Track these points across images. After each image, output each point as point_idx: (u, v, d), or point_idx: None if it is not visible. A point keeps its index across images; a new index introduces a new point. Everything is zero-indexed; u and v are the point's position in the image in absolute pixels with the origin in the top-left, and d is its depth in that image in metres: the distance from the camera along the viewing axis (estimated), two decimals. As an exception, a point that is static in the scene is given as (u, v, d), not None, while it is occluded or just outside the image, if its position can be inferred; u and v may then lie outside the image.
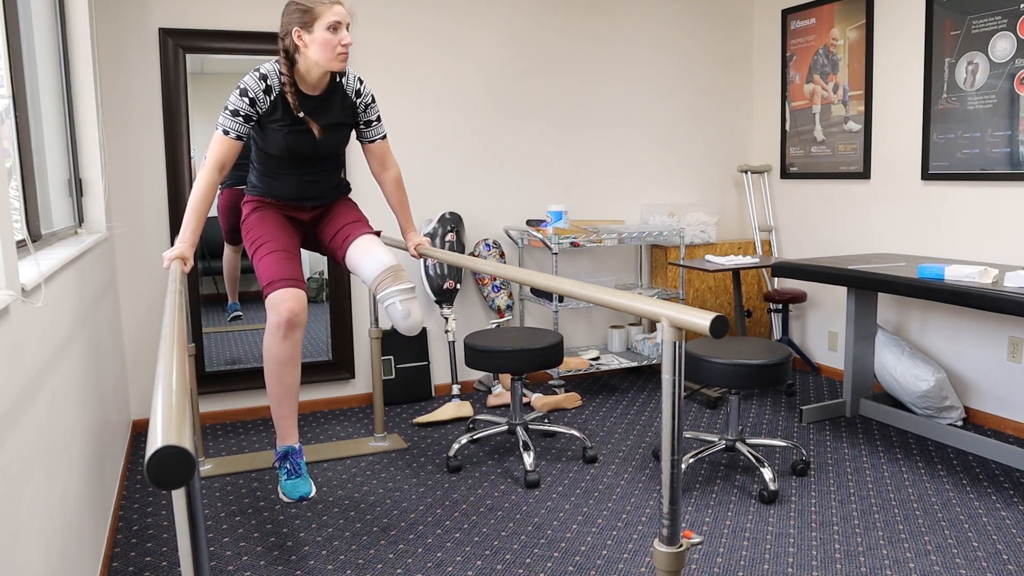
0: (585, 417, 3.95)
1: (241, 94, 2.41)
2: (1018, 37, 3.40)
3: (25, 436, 1.57)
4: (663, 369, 1.45)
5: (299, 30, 2.37)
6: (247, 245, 2.60)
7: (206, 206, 2.38)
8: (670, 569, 1.49)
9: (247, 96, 2.41)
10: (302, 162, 2.59)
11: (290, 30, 2.39)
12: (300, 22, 2.36)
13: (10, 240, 1.55)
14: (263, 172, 2.60)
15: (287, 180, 2.60)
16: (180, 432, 0.81)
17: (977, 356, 3.73)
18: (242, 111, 2.41)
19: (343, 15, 2.39)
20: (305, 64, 2.43)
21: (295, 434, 2.58)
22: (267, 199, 2.64)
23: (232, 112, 2.42)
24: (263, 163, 2.59)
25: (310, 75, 2.45)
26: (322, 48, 2.37)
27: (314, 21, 2.35)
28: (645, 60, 4.66)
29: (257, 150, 2.59)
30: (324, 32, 2.36)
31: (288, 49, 2.42)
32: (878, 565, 2.44)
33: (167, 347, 1.16)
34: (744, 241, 4.83)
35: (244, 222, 2.64)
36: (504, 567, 2.48)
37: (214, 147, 2.43)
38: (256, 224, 2.59)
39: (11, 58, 2.06)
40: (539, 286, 1.93)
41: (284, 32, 2.41)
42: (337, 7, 2.38)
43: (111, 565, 2.53)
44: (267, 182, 2.61)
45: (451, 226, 4.13)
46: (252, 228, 2.60)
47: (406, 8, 4.10)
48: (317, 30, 2.36)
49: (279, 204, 2.66)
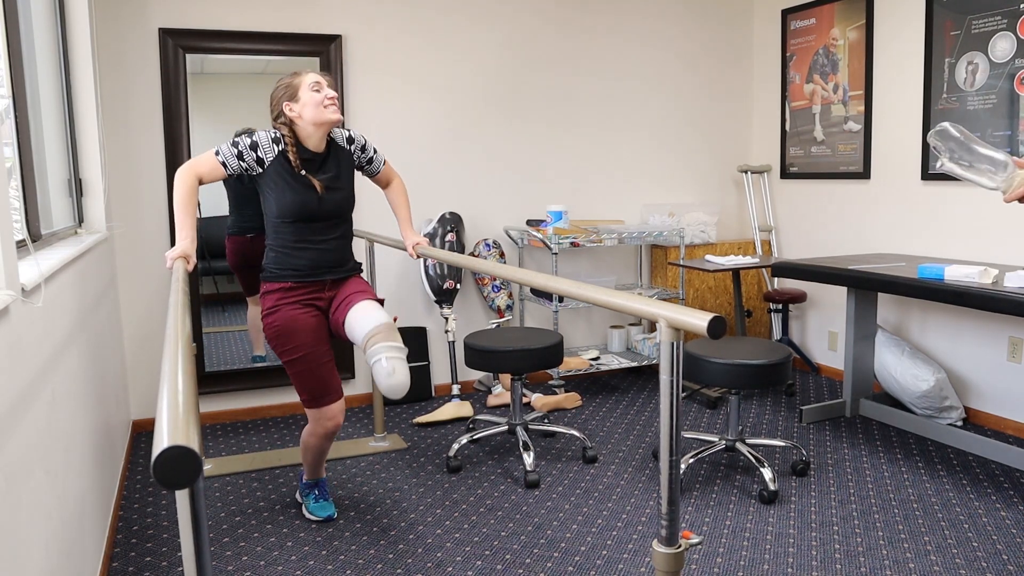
0: (585, 417, 3.95)
1: (248, 137, 2.58)
2: (1018, 37, 3.40)
3: (25, 436, 1.57)
4: (661, 370, 1.45)
5: (288, 103, 2.57)
6: (278, 351, 2.62)
7: (193, 203, 2.50)
8: (669, 569, 1.49)
9: (252, 140, 2.57)
10: (312, 224, 2.63)
11: (281, 108, 2.59)
12: (287, 96, 2.57)
13: (10, 240, 1.55)
14: (279, 247, 2.63)
15: (302, 250, 2.63)
16: (188, 432, 0.81)
17: (977, 356, 3.73)
18: (240, 146, 2.56)
19: (320, 77, 2.59)
20: (304, 131, 2.60)
21: (323, 470, 2.91)
22: (287, 283, 2.62)
23: (232, 144, 2.56)
24: (277, 234, 2.63)
25: (310, 141, 2.62)
26: (312, 108, 2.55)
27: (297, 90, 2.56)
28: (645, 60, 4.66)
29: (270, 224, 2.64)
30: (309, 93, 2.56)
31: (285, 125, 2.61)
32: (878, 565, 2.44)
33: (172, 347, 1.16)
34: (744, 241, 4.83)
35: (270, 323, 2.61)
36: (504, 567, 2.48)
37: (200, 159, 2.55)
38: (284, 331, 2.59)
39: (11, 58, 2.06)
40: (539, 286, 1.93)
41: (276, 113, 2.60)
42: (310, 72, 2.60)
43: (111, 565, 2.53)
44: (284, 258, 2.63)
45: (451, 226, 4.14)
46: (281, 335, 2.60)
47: (406, 7, 4.10)
48: (303, 95, 2.56)
49: (299, 289, 2.63)
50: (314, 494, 2.87)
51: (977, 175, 2.29)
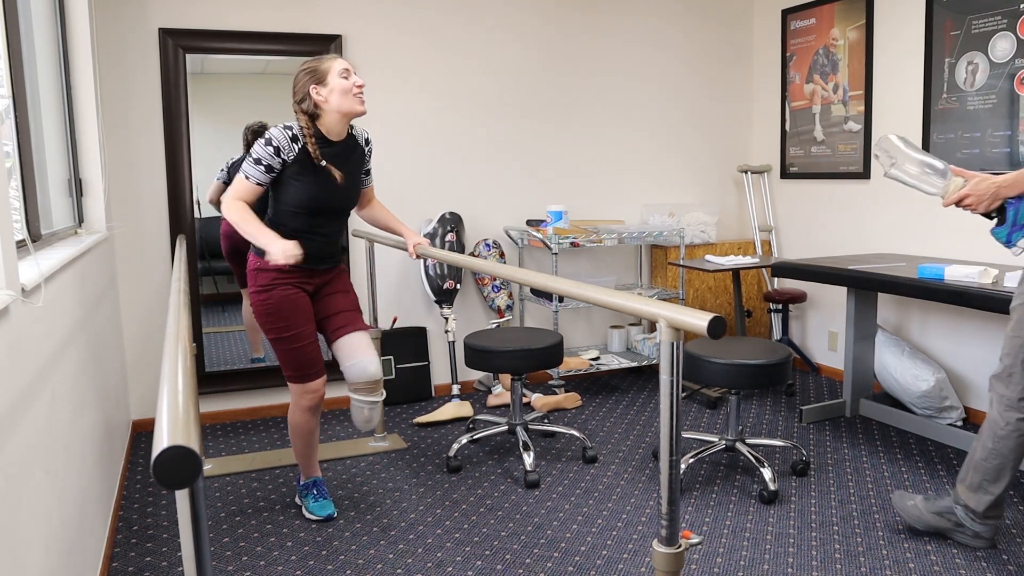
0: (585, 417, 3.95)
1: (266, 143, 2.55)
2: (1018, 37, 3.40)
3: (25, 436, 1.57)
4: (661, 370, 1.45)
5: (315, 87, 2.55)
6: (268, 328, 2.67)
7: (253, 215, 2.55)
8: (669, 569, 1.49)
9: (271, 145, 2.54)
10: (321, 216, 2.68)
11: (307, 90, 2.56)
12: (313, 80, 2.55)
13: (10, 240, 1.55)
14: (287, 234, 2.66)
15: (306, 239, 2.68)
16: (187, 433, 0.81)
17: (977, 356, 3.73)
18: (264, 160, 2.55)
19: (348, 63, 2.60)
20: (328, 118, 2.59)
21: (318, 467, 2.94)
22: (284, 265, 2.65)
23: (255, 160, 2.55)
24: (284, 219, 2.65)
25: (332, 129, 2.61)
26: (341, 94, 2.55)
27: (325, 75, 2.55)
28: (645, 60, 4.66)
29: (278, 210, 2.65)
30: (338, 79, 2.55)
31: (308, 111, 2.58)
32: (878, 565, 2.44)
33: (172, 347, 1.16)
34: (744, 241, 4.83)
35: (263, 300, 2.65)
36: (504, 567, 2.48)
37: (236, 188, 2.57)
38: (278, 310, 2.65)
39: (11, 58, 2.06)
40: (539, 286, 1.93)
41: (301, 96, 2.57)
42: (339, 58, 2.60)
43: (111, 565, 2.53)
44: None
45: (451, 226, 4.14)
46: (274, 314, 2.65)
47: (406, 7, 4.10)
48: (331, 80, 2.54)
49: (295, 273, 2.68)
50: (313, 494, 2.88)
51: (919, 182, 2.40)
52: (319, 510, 2.84)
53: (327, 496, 2.89)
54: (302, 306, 2.69)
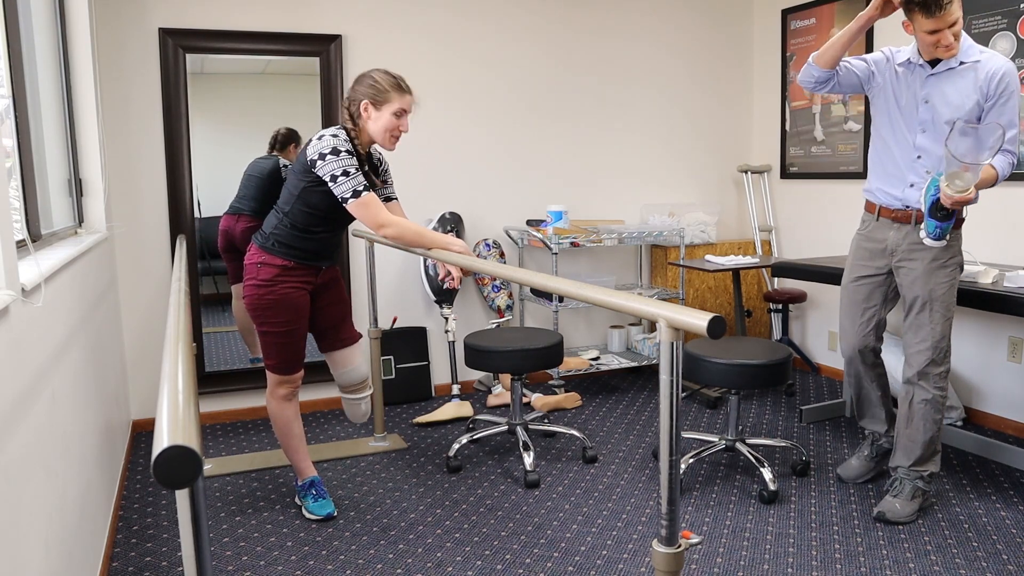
0: (585, 417, 3.95)
1: (334, 153, 2.53)
2: (1018, 37, 3.40)
3: (25, 436, 1.57)
4: (661, 370, 1.45)
5: (368, 104, 2.59)
6: (260, 322, 2.69)
7: (414, 224, 2.64)
8: (669, 569, 1.50)
9: (341, 150, 2.54)
10: (338, 218, 2.72)
11: (359, 100, 2.60)
12: (372, 98, 2.59)
13: (10, 240, 1.55)
14: (299, 232, 2.67)
15: (319, 239, 2.71)
16: (187, 432, 0.81)
17: (977, 356, 3.73)
18: (352, 166, 2.55)
19: (410, 105, 2.64)
20: (363, 134, 2.66)
21: (311, 466, 2.95)
22: (290, 263, 2.68)
23: (345, 173, 2.54)
24: (303, 221, 2.66)
25: (361, 143, 2.67)
26: (383, 129, 2.61)
27: (384, 103, 2.59)
28: (645, 60, 4.66)
29: (301, 211, 2.65)
30: (390, 116, 2.60)
31: (352, 114, 2.63)
32: (878, 565, 2.45)
33: (172, 347, 1.17)
34: (744, 241, 4.83)
35: (263, 295, 2.66)
36: (504, 567, 2.48)
37: (372, 209, 2.56)
38: (279, 305, 2.68)
39: (11, 58, 2.07)
40: (538, 286, 1.93)
41: (352, 100, 2.62)
42: (408, 96, 2.63)
43: (111, 565, 2.53)
44: (299, 241, 2.69)
45: (451, 226, 4.14)
46: (273, 308, 2.68)
47: (406, 7, 4.10)
48: (385, 111, 2.59)
49: (298, 270, 2.71)
50: (312, 494, 2.88)
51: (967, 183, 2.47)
52: (319, 509, 2.84)
53: (326, 495, 2.90)
54: (302, 305, 2.73)
